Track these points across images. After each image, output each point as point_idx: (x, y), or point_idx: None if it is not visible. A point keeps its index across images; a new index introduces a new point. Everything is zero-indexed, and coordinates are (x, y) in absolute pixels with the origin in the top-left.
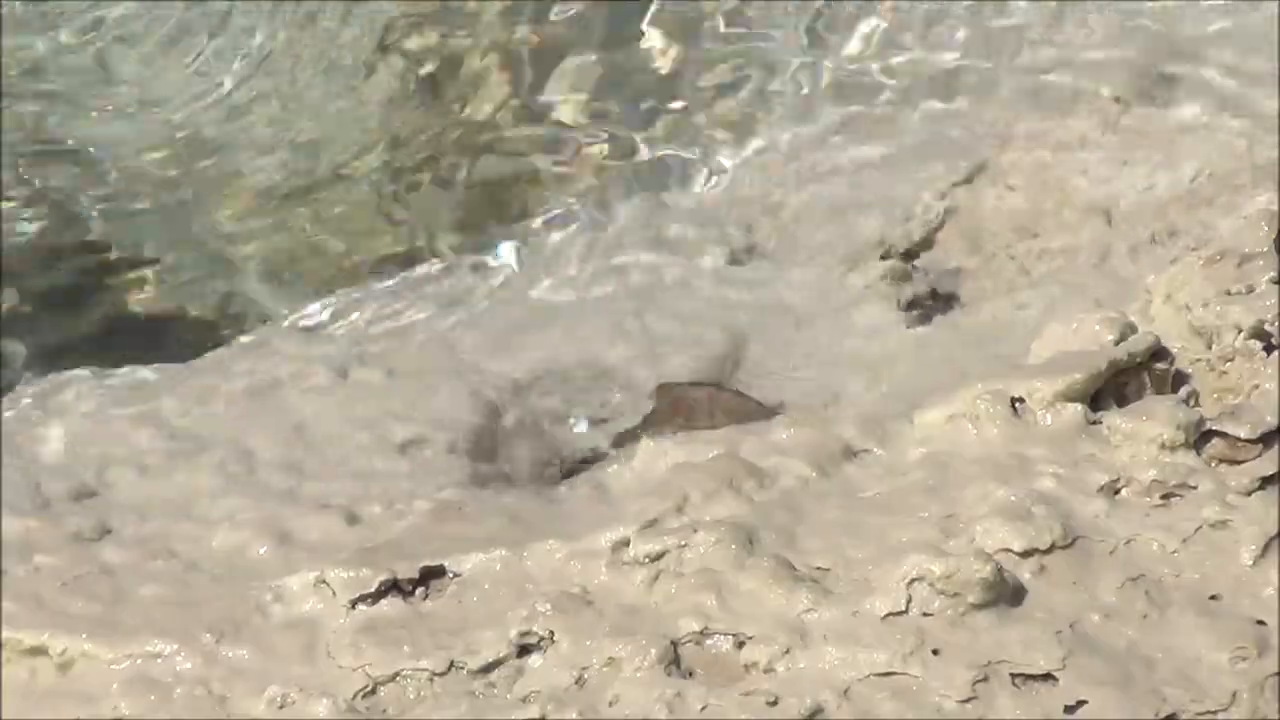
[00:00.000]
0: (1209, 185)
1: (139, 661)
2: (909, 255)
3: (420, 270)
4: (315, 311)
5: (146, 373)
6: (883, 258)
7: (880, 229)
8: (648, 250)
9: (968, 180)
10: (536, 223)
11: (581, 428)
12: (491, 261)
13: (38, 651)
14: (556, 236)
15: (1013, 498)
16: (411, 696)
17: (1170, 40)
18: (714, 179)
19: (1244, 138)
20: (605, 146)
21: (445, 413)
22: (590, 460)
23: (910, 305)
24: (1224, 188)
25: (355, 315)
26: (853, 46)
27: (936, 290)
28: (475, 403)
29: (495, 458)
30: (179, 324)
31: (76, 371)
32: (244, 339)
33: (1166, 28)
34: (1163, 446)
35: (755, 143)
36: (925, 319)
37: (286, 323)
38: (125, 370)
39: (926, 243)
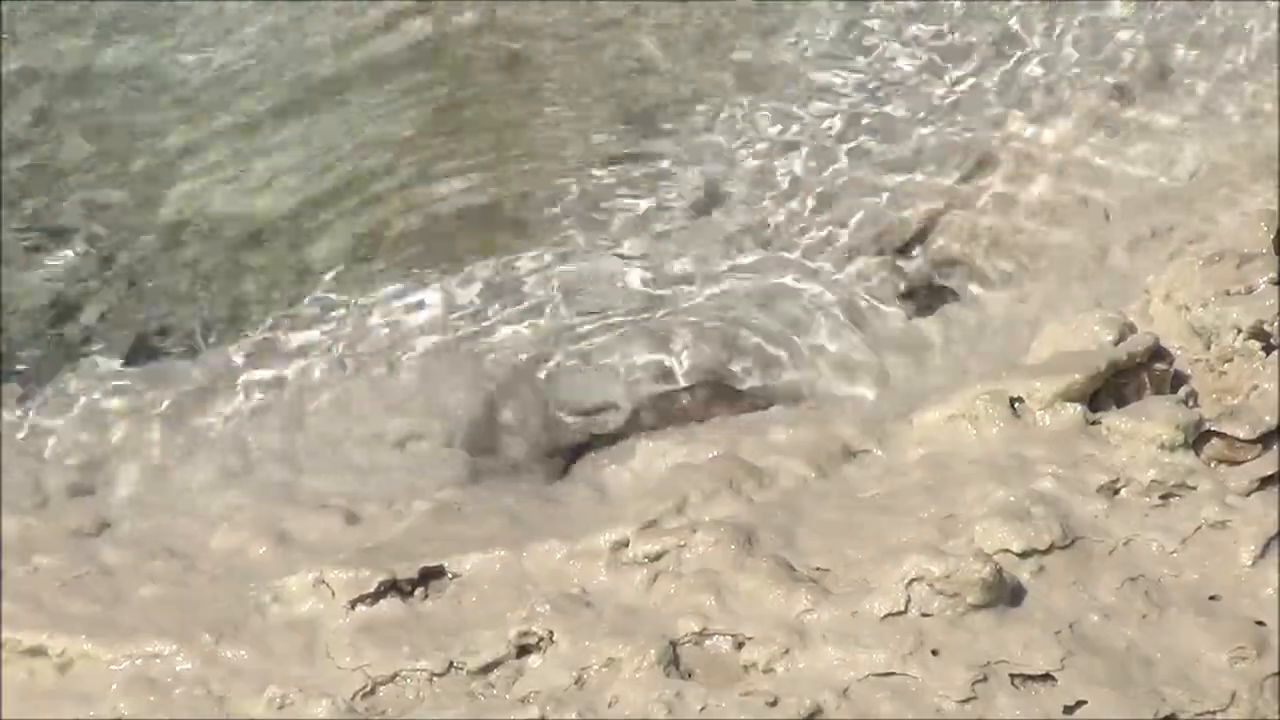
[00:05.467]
0: (1209, 179)
1: (138, 662)
2: (908, 249)
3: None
4: (315, 311)
5: (148, 369)
6: (881, 250)
7: (880, 223)
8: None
9: (968, 174)
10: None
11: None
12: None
13: (37, 652)
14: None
15: (1012, 498)
16: (411, 697)
17: (1170, 37)
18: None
19: (1243, 132)
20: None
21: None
22: (592, 449)
23: (909, 298)
24: (1223, 181)
25: (358, 314)
26: (854, 41)
27: (935, 282)
28: (475, 395)
29: (495, 450)
30: (180, 321)
31: (78, 368)
32: (245, 337)
33: (1167, 24)
34: (1162, 447)
35: (755, 136)
36: (924, 312)
37: (286, 321)
38: (127, 367)
39: (926, 235)
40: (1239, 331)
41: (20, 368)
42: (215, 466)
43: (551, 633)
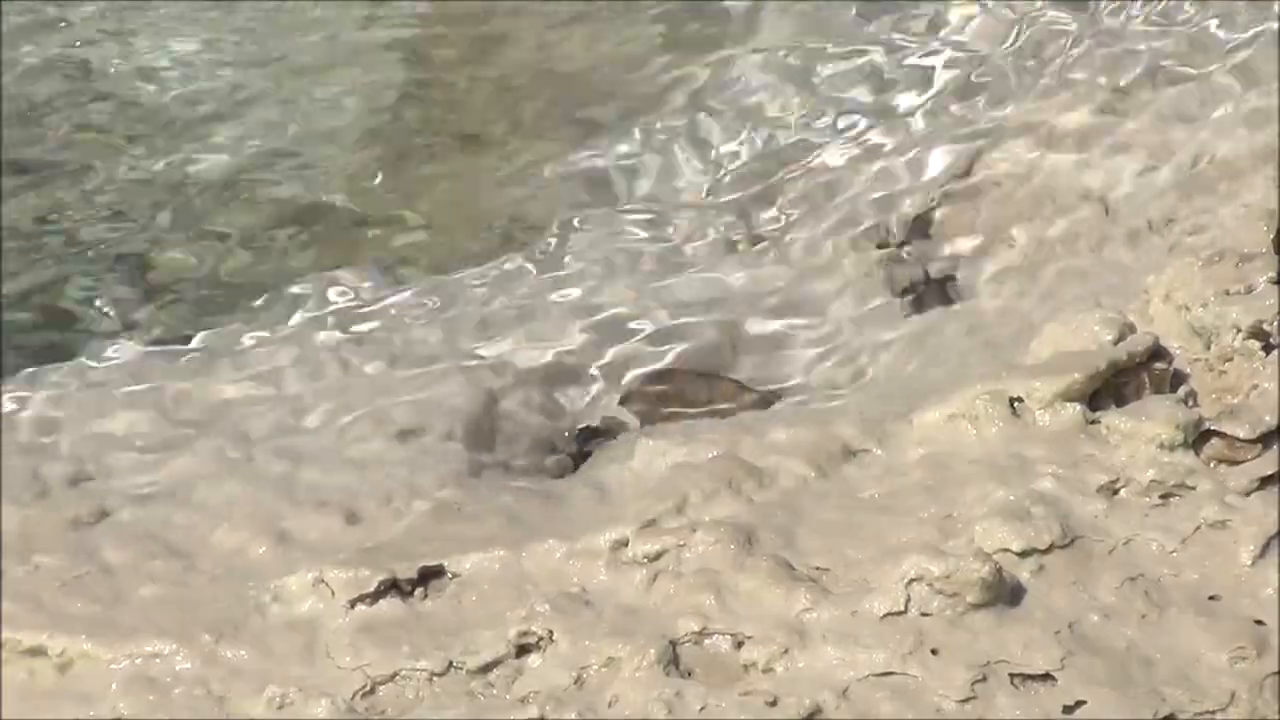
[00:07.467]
0: (1209, 172)
1: (138, 661)
2: (906, 245)
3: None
4: (314, 302)
5: (146, 359)
6: (880, 245)
7: (878, 219)
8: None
9: (967, 168)
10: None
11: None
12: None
13: (37, 652)
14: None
15: (1011, 498)
16: (410, 696)
17: (1169, 34)
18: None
19: (1244, 125)
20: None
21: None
22: (592, 446)
23: (907, 295)
24: (1224, 175)
25: (358, 308)
26: (850, 36)
27: (933, 277)
28: (473, 390)
29: (494, 446)
30: (179, 314)
31: (76, 357)
32: (243, 329)
33: (1166, 19)
34: (1161, 446)
35: (755, 130)
36: (922, 310)
37: (286, 310)
38: (125, 357)
39: (924, 230)
40: (1239, 331)
41: (17, 357)
42: (214, 459)
43: (551, 632)
